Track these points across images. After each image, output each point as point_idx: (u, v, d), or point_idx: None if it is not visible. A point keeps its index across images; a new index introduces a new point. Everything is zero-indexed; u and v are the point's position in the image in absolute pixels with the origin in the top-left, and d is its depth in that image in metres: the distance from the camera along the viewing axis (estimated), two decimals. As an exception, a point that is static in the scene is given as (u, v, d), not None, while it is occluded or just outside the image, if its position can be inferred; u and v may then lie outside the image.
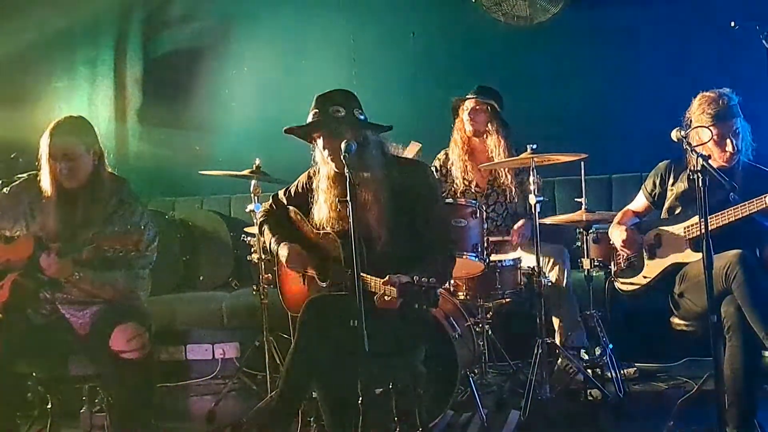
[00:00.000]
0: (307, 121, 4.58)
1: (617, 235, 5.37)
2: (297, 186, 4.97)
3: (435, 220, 4.60)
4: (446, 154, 6.68)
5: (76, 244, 4.61)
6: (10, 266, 4.69)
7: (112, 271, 4.73)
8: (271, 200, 5.12)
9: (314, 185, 4.77)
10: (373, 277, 4.27)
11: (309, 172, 4.88)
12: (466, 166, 6.53)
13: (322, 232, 4.70)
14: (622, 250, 5.38)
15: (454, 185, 6.56)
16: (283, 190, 5.05)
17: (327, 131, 4.54)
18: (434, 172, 4.82)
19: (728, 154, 5.05)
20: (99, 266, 4.69)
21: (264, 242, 5.03)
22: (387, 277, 4.16)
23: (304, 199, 4.86)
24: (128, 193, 4.95)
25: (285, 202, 5.01)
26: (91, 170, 4.79)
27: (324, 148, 4.56)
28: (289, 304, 5.04)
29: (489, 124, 6.50)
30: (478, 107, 6.48)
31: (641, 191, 5.52)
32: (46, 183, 4.75)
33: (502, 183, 6.55)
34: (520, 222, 6.42)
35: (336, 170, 4.58)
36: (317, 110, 4.54)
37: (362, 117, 4.55)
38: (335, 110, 4.49)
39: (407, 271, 4.17)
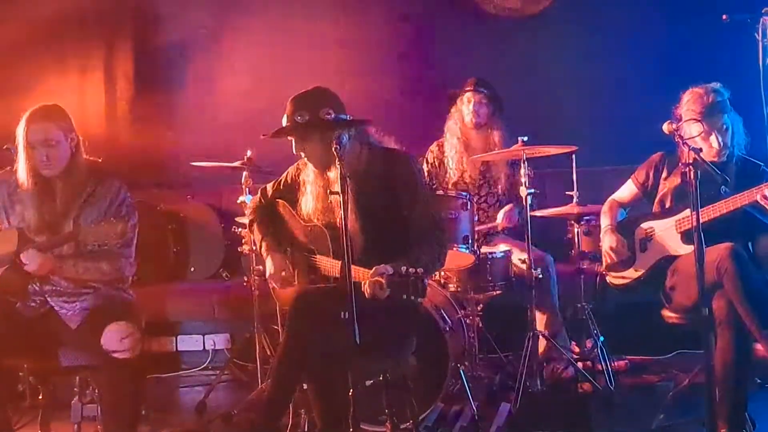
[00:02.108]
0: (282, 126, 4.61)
1: (607, 242, 5.39)
2: (286, 178, 4.98)
3: (420, 208, 4.58)
4: (439, 146, 6.68)
5: (58, 237, 4.62)
6: None
7: (95, 260, 4.72)
8: (259, 194, 5.13)
9: (301, 178, 4.80)
10: (361, 268, 4.27)
11: (298, 164, 4.90)
12: (462, 158, 6.53)
13: (310, 224, 4.72)
14: (607, 253, 5.39)
15: (447, 176, 6.55)
16: (272, 183, 5.06)
17: (295, 136, 4.58)
18: (417, 161, 4.80)
19: (715, 150, 5.06)
20: (82, 257, 4.69)
21: (254, 240, 5.06)
22: (374, 269, 4.16)
23: (292, 191, 4.88)
24: (103, 171, 4.91)
25: (274, 195, 5.01)
26: (69, 158, 4.75)
27: (297, 152, 4.64)
28: (281, 298, 5.03)
29: (492, 118, 6.50)
30: (483, 101, 6.48)
31: (630, 181, 5.52)
32: (22, 173, 4.72)
33: (494, 175, 6.54)
34: (509, 206, 6.43)
35: (314, 170, 4.64)
36: (286, 115, 4.57)
37: (330, 116, 4.52)
38: (299, 115, 4.50)
39: (393, 261, 4.16)
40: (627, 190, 5.54)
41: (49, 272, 4.62)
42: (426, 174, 6.40)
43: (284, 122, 4.58)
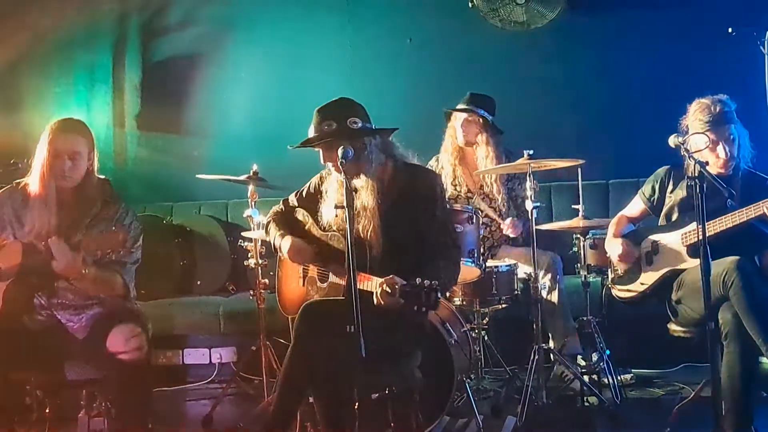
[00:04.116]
0: (308, 136, 4.62)
1: (614, 248, 5.38)
2: (309, 187, 5.02)
3: (438, 225, 4.63)
4: (437, 161, 6.70)
5: (69, 245, 4.61)
6: (1, 274, 4.65)
7: (112, 272, 4.73)
8: (281, 203, 5.15)
9: (323, 188, 4.83)
10: (374, 276, 4.29)
11: (321, 173, 4.93)
12: (456, 172, 6.57)
13: (329, 232, 4.75)
14: (617, 263, 5.39)
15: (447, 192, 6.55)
16: (295, 192, 5.11)
17: (323, 146, 4.58)
18: (440, 178, 4.83)
19: (722, 160, 5.05)
20: (101, 267, 4.69)
21: (268, 240, 5.08)
22: (389, 277, 4.18)
23: (314, 201, 4.91)
24: (111, 193, 4.95)
25: (296, 204, 5.06)
26: (86, 172, 4.79)
27: (325, 162, 4.64)
28: (287, 308, 5.04)
29: (479, 135, 6.51)
30: (470, 119, 6.50)
31: (638, 196, 5.51)
32: (35, 182, 4.73)
33: (489, 191, 6.55)
34: (509, 219, 6.43)
35: (338, 179, 4.64)
36: (313, 126, 4.60)
37: (357, 125, 4.55)
38: (327, 125, 4.54)
39: (409, 274, 4.16)
40: (635, 206, 5.54)
41: (73, 274, 4.57)
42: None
43: (311, 133, 4.60)
